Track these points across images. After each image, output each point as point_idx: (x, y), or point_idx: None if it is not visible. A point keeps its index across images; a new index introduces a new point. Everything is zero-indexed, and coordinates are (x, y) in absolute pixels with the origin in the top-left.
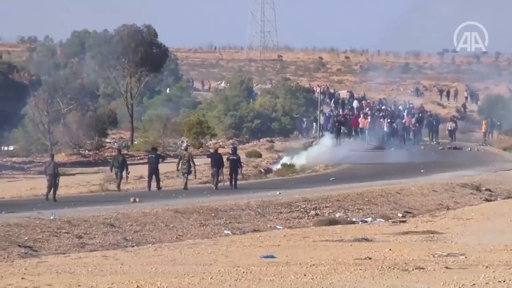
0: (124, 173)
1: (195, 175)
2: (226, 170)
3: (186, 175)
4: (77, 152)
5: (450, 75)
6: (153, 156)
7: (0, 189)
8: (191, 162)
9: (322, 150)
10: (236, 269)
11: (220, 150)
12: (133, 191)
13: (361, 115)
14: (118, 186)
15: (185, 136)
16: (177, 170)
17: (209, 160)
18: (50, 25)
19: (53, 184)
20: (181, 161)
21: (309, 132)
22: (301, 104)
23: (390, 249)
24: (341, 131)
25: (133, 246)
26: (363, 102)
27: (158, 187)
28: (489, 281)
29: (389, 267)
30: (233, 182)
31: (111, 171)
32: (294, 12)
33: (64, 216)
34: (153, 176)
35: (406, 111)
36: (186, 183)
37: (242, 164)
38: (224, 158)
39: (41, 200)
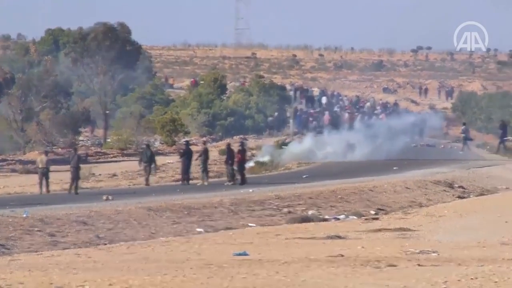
0: (153, 168)
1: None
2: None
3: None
4: (50, 150)
5: (424, 72)
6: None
7: None
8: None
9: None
10: (209, 267)
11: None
12: (106, 189)
13: (326, 113)
14: (147, 180)
15: (158, 134)
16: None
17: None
18: (23, 23)
19: (76, 177)
20: (200, 157)
21: (281, 130)
22: (275, 102)
23: (362, 247)
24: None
25: (105, 244)
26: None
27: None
28: (461, 278)
29: (362, 264)
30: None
31: (140, 166)
32: (268, 9)
33: (37, 214)
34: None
35: (379, 108)
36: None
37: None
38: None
39: (13, 198)
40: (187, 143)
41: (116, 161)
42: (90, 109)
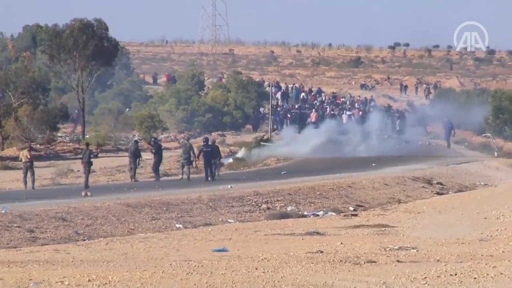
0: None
1: (196, 165)
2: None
3: (187, 165)
4: (28, 146)
5: (402, 68)
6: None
7: None
8: (191, 153)
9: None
10: (188, 263)
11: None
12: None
13: (313, 109)
14: (133, 176)
15: (136, 130)
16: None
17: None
18: (1, 19)
19: (87, 171)
20: (182, 152)
21: (260, 126)
22: (253, 98)
23: (341, 243)
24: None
25: (84, 240)
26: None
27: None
28: (440, 274)
29: (341, 261)
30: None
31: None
32: (246, 6)
33: (16, 210)
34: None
35: (357, 104)
36: (189, 174)
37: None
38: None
39: None
40: (155, 140)
41: (94, 157)
42: (68, 105)
